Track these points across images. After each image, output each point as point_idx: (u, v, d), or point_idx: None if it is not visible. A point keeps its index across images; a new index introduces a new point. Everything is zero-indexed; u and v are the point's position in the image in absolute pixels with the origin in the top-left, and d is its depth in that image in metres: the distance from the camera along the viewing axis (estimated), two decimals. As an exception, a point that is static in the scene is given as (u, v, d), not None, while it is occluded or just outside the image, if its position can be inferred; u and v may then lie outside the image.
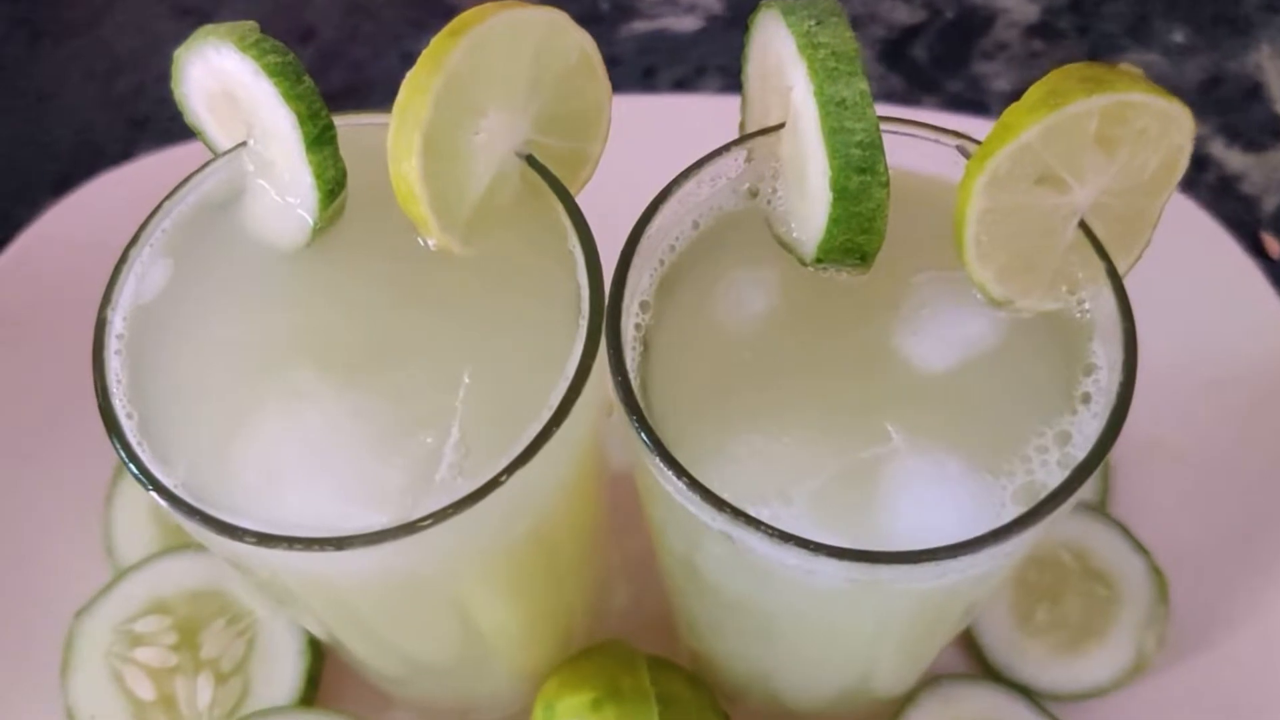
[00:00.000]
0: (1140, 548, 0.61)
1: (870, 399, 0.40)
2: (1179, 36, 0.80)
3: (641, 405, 0.38)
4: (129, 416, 0.39)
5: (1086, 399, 0.39)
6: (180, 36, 0.41)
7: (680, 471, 0.36)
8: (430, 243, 0.41)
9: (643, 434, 0.37)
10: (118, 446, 0.38)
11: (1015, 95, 0.38)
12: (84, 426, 0.64)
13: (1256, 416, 0.65)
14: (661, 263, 0.42)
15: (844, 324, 0.41)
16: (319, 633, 0.54)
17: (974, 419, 0.39)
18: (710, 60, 0.83)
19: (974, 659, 0.60)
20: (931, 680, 0.58)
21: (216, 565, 0.60)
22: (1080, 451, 0.38)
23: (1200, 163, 0.75)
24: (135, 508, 0.63)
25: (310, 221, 0.41)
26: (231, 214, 0.43)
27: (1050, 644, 0.60)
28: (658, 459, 0.37)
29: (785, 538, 0.35)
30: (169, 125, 0.80)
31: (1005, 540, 0.35)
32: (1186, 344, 0.67)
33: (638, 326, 0.41)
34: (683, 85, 0.82)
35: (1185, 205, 0.69)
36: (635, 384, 0.39)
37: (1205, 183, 0.75)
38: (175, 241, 0.42)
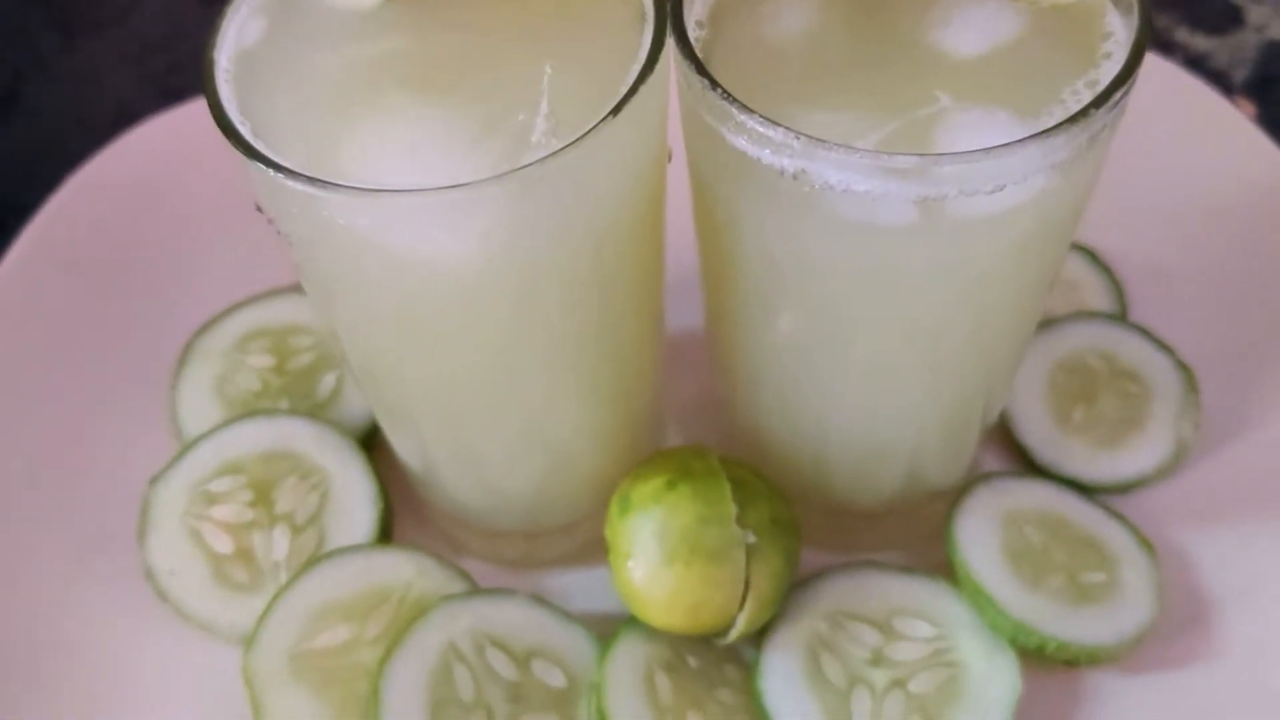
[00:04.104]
0: (1164, 345, 0.65)
1: (917, 77, 0.44)
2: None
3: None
4: (242, 124, 0.42)
5: (1108, 55, 0.43)
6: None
7: (752, 112, 0.40)
8: (503, -24, 0.45)
9: (713, 89, 0.41)
10: (235, 143, 0.41)
11: None
12: (145, 332, 0.68)
13: (1255, 235, 0.69)
14: (711, -8, 0.47)
15: (884, 29, 0.45)
16: (404, 443, 0.56)
17: (1011, 82, 0.43)
18: None
19: (1020, 461, 0.63)
20: (983, 475, 0.60)
21: (285, 428, 0.62)
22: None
23: (1167, 47, 0.81)
24: (200, 389, 0.65)
25: (390, -29, 0.45)
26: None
27: (1092, 439, 0.62)
28: (728, 104, 0.40)
29: (857, 150, 0.39)
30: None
31: (1055, 136, 0.39)
32: (1183, 183, 0.71)
33: (696, 39, 0.45)
34: None
35: (1163, 65, 0.75)
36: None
37: (1175, 63, 0.80)
38: (267, 5, 0.46)
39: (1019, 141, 0.39)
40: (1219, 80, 0.79)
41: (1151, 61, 0.75)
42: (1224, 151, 0.72)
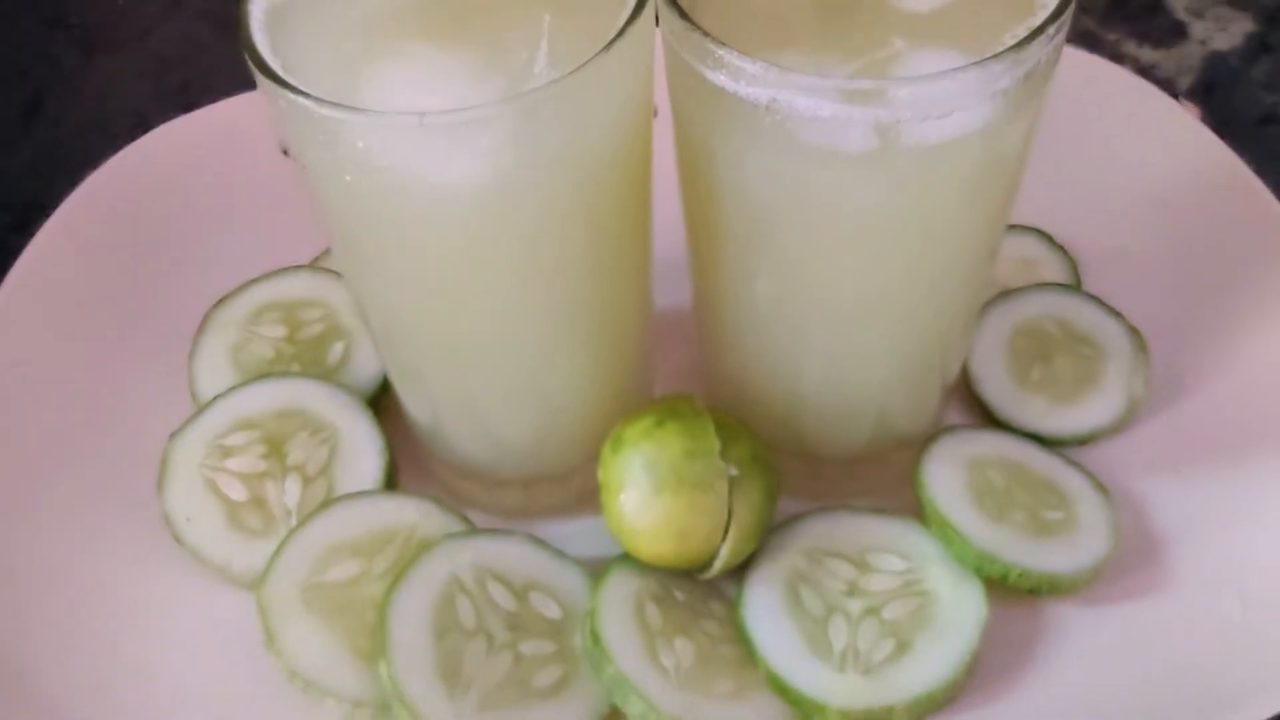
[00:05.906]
0: (1114, 312, 0.70)
1: (876, 28, 0.49)
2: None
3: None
4: (273, 63, 0.47)
5: (1045, 6, 0.49)
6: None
7: (728, 46, 0.45)
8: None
9: (693, 30, 0.46)
10: (268, 76, 0.46)
11: None
12: (164, 307, 0.72)
13: (1198, 218, 0.74)
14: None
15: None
16: (413, 396, 0.60)
17: (960, 30, 0.49)
18: None
19: (982, 416, 0.67)
20: (948, 427, 0.65)
21: (297, 388, 0.67)
22: (1047, 26, 0.47)
23: (1116, 59, 0.87)
24: (216, 357, 0.69)
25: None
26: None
27: (1049, 395, 0.67)
28: (706, 41, 0.46)
29: (825, 78, 0.44)
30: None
31: (997, 64, 0.44)
32: (1132, 173, 0.77)
33: (680, -8, 0.50)
34: None
35: (1115, 70, 0.81)
36: (682, 15, 0.48)
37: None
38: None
39: (963, 67, 0.44)
40: (1166, 87, 0.86)
41: (1104, 67, 0.81)
42: (1170, 145, 0.77)
